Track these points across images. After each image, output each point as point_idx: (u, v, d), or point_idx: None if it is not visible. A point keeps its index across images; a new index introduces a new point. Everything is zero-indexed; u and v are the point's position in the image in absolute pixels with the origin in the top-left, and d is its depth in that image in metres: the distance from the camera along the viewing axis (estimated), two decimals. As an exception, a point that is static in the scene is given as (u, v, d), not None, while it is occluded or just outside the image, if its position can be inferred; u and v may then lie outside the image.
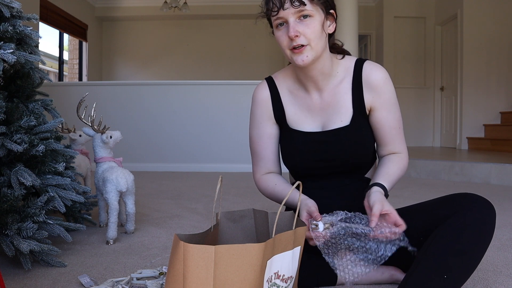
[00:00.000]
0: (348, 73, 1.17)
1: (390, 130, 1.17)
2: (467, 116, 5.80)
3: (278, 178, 1.22)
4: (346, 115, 1.16)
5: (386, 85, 1.15)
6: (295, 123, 1.20)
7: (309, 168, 1.19)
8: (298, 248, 0.93)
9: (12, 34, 1.36)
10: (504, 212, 2.22)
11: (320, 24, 1.06)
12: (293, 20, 1.04)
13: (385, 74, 1.16)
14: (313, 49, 1.06)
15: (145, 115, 4.55)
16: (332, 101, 1.17)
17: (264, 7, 1.09)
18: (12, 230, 1.26)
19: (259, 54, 7.69)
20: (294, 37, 1.04)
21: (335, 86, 1.17)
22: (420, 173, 3.86)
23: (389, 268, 1.17)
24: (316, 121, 1.19)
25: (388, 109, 1.16)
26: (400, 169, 1.17)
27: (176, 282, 0.78)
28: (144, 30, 7.82)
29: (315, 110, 1.19)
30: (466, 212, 0.98)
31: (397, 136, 1.18)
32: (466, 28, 5.74)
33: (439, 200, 1.10)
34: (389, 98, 1.16)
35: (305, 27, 1.04)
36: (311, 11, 1.04)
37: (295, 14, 1.04)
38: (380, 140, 1.20)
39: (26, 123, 1.37)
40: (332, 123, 1.17)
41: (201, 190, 3.03)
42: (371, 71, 1.15)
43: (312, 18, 1.05)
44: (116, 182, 1.64)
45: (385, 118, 1.16)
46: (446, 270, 0.92)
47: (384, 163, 1.17)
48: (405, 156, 1.20)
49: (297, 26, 1.04)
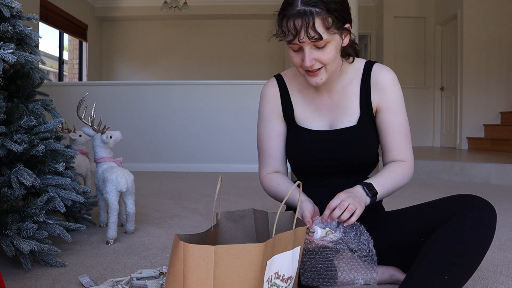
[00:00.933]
0: (357, 75, 1.18)
1: (394, 133, 1.16)
2: (467, 116, 5.80)
3: (282, 178, 1.22)
4: (353, 116, 1.16)
5: (393, 87, 1.15)
6: (303, 121, 1.21)
7: (315, 166, 1.19)
8: (298, 248, 0.93)
9: (12, 34, 1.36)
10: (504, 212, 2.22)
11: (336, 48, 1.05)
12: (308, 48, 1.01)
13: (393, 76, 1.16)
14: (328, 71, 1.07)
15: (145, 115, 4.55)
16: (341, 101, 1.18)
17: (278, 29, 1.04)
18: (12, 230, 1.26)
19: (259, 54, 7.69)
20: (311, 66, 1.03)
21: (344, 87, 1.18)
22: (420, 173, 3.86)
23: (389, 268, 1.17)
24: (324, 120, 1.19)
25: (394, 111, 1.15)
26: (400, 174, 1.13)
27: (176, 282, 0.78)
28: (144, 30, 7.82)
29: (323, 109, 1.19)
30: (467, 213, 0.98)
31: (402, 142, 1.16)
32: (466, 28, 5.73)
33: (440, 201, 1.10)
34: (395, 100, 1.15)
35: (321, 54, 1.03)
36: (327, 39, 1.00)
37: (311, 43, 1.01)
38: (385, 145, 1.18)
39: (26, 123, 1.37)
40: (340, 122, 1.17)
41: (201, 190, 3.03)
42: (379, 72, 1.16)
43: (329, 44, 1.02)
44: (116, 182, 1.64)
45: (390, 120, 1.16)
46: (447, 271, 0.92)
47: (384, 168, 1.16)
48: (409, 165, 1.16)
49: (313, 54, 1.02)
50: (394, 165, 1.16)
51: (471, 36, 5.73)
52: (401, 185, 1.15)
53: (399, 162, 1.17)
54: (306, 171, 1.22)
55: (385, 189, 1.09)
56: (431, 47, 6.66)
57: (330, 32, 1.00)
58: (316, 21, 0.97)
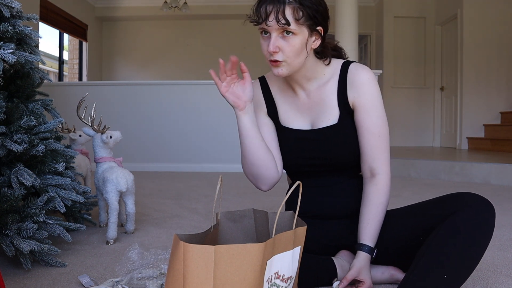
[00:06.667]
0: (334, 74, 1.18)
1: (367, 134, 1.14)
2: (467, 116, 5.80)
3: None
4: (333, 114, 1.17)
5: (369, 85, 1.14)
6: (286, 121, 1.23)
7: (299, 165, 1.21)
8: (298, 248, 0.93)
9: (12, 34, 1.36)
10: (504, 212, 2.22)
11: (302, 42, 1.06)
12: (275, 35, 1.05)
13: (370, 75, 1.15)
14: (289, 65, 1.08)
15: (145, 115, 4.55)
16: (319, 100, 1.19)
17: (253, 13, 1.08)
18: (12, 230, 1.26)
19: (259, 54, 7.57)
20: (273, 53, 1.05)
21: (321, 86, 1.18)
22: (420, 173, 3.86)
23: (389, 268, 1.17)
24: (305, 119, 1.21)
25: (367, 110, 1.14)
26: (381, 206, 1.13)
27: (176, 282, 0.78)
28: (144, 30, 7.81)
29: (303, 109, 1.21)
30: (465, 211, 0.98)
31: (377, 146, 1.14)
32: (466, 28, 5.73)
33: (439, 200, 1.10)
34: (369, 99, 1.14)
35: (286, 44, 1.05)
36: (295, 29, 1.04)
37: (278, 30, 1.04)
38: (360, 147, 1.16)
39: (26, 123, 1.37)
40: (321, 121, 1.18)
41: (201, 190, 3.03)
42: (356, 71, 1.16)
43: (295, 36, 1.05)
44: (116, 182, 1.64)
45: (363, 119, 1.14)
46: (446, 270, 0.92)
47: (364, 205, 1.15)
48: (385, 179, 1.14)
49: (278, 42, 1.05)
50: (374, 198, 1.14)
51: (471, 36, 5.73)
52: (385, 210, 1.16)
53: (376, 184, 1.14)
54: (291, 170, 1.25)
55: (377, 233, 1.13)
56: (431, 47, 6.66)
57: (298, 24, 1.04)
58: (287, 9, 1.02)
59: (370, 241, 1.12)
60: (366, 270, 1.09)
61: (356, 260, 1.10)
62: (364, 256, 1.10)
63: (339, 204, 1.20)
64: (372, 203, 1.14)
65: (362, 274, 1.08)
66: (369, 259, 1.11)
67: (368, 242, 1.11)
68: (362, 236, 1.12)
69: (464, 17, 5.74)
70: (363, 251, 1.11)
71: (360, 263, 1.09)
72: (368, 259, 1.10)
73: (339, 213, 1.20)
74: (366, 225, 1.12)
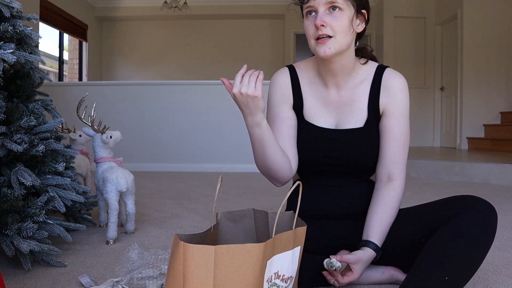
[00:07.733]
0: (368, 77, 1.17)
1: (393, 140, 1.14)
2: (467, 116, 5.80)
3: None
4: (360, 117, 1.16)
5: (402, 92, 1.15)
6: (310, 117, 1.19)
7: (316, 163, 1.18)
8: (298, 248, 0.93)
9: (12, 34, 1.36)
10: (504, 212, 2.22)
11: (349, 19, 1.06)
12: (322, 10, 1.04)
13: (405, 83, 1.16)
14: (337, 42, 1.06)
15: (145, 115, 4.55)
16: (349, 100, 1.17)
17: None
18: (12, 230, 1.26)
19: (260, 54, 7.69)
20: (320, 26, 1.04)
21: (354, 86, 1.17)
22: (420, 173, 3.86)
23: (389, 269, 1.17)
24: (331, 117, 1.18)
25: (398, 117, 1.14)
26: (395, 209, 1.13)
27: (176, 282, 0.78)
28: (144, 30, 7.82)
29: (331, 106, 1.18)
30: (468, 215, 0.98)
31: (399, 152, 1.14)
32: (466, 28, 5.73)
33: (441, 202, 1.10)
34: (401, 107, 1.15)
35: (333, 19, 1.04)
36: (342, 4, 1.04)
37: (326, 5, 1.04)
38: (381, 151, 1.16)
39: (26, 123, 1.37)
40: (347, 122, 1.17)
41: (201, 190, 3.03)
42: (391, 76, 1.16)
43: (342, 12, 1.04)
44: (116, 182, 1.64)
45: (392, 125, 1.15)
46: (447, 272, 0.92)
47: (378, 204, 1.14)
48: (401, 185, 1.15)
49: (325, 17, 1.04)
50: (388, 201, 1.13)
51: (471, 36, 5.73)
52: (396, 216, 1.15)
53: (392, 188, 1.14)
54: (306, 168, 1.21)
55: (385, 236, 1.12)
56: (431, 47, 6.66)
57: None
58: None
59: (378, 241, 1.10)
60: (363, 264, 1.06)
61: (360, 251, 1.07)
62: (369, 252, 1.08)
63: (344, 205, 1.19)
64: (387, 205, 1.13)
65: (357, 265, 1.05)
66: (372, 257, 1.08)
67: (376, 241, 1.10)
68: (372, 234, 1.10)
69: (464, 17, 5.74)
70: (369, 247, 1.08)
71: (364, 255, 1.06)
72: (372, 256, 1.08)
73: (342, 214, 1.20)
74: (378, 224, 1.11)
